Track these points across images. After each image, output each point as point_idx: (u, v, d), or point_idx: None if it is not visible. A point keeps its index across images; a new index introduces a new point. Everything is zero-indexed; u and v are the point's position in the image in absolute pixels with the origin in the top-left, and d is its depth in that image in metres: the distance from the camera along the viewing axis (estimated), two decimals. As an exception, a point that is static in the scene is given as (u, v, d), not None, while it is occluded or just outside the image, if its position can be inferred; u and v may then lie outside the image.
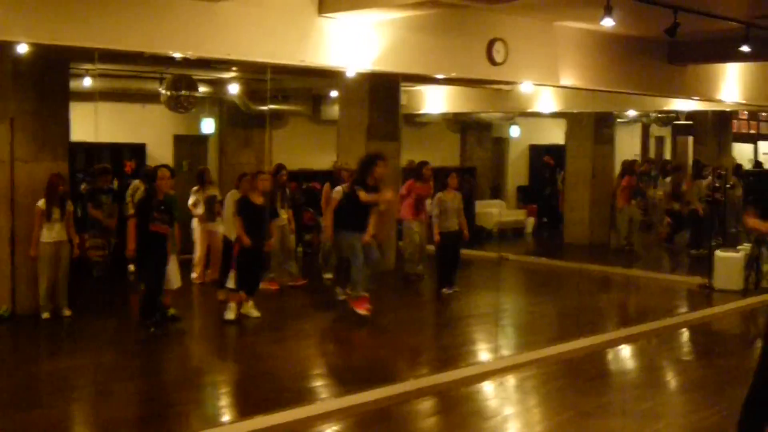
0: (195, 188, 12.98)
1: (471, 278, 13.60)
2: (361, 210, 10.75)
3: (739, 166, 20.00)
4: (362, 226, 10.76)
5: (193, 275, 13.11)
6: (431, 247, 13.22)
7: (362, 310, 10.71)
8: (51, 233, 10.60)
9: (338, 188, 11.76)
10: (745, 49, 10.67)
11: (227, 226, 11.45)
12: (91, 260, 12.05)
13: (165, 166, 10.73)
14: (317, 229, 14.64)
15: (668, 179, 18.64)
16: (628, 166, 18.00)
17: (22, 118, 10.85)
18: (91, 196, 12.36)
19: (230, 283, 10.92)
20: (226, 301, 11.01)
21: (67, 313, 10.81)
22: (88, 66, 12.72)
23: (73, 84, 12.21)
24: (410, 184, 13.39)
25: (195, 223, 13.05)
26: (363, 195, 10.64)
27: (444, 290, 12.58)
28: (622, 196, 17.64)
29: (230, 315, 10.75)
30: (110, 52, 8.79)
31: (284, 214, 12.71)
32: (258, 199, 10.80)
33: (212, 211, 12.59)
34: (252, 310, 10.93)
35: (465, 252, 13.24)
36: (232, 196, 11.47)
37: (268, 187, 11.02)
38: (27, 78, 10.83)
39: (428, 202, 13.34)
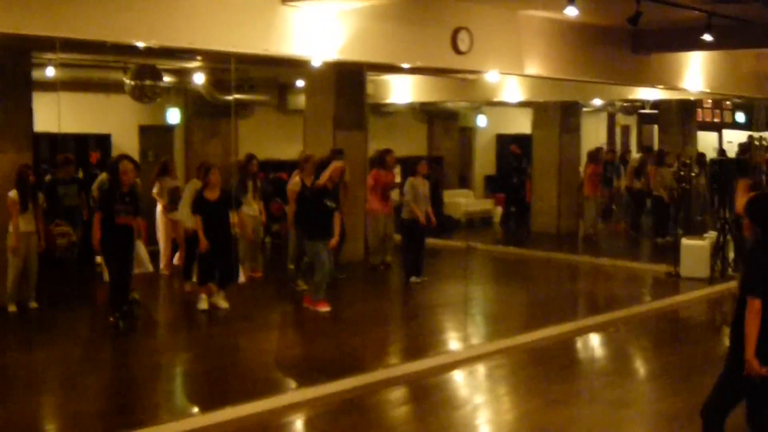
0: (158, 178, 12.99)
1: (439, 267, 13.63)
2: (324, 215, 10.82)
3: (702, 155, 20.16)
4: (327, 233, 10.84)
5: (161, 266, 13.05)
6: (398, 237, 13.26)
7: (324, 308, 10.78)
8: (23, 224, 10.53)
9: (295, 179, 11.85)
10: (707, 37, 10.74)
11: (183, 214, 11.56)
12: (56, 246, 11.92)
13: (127, 157, 10.65)
14: (284, 219, 14.59)
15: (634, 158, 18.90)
16: (594, 155, 18.15)
17: (-16, 109, 10.72)
18: (53, 187, 12.22)
19: (194, 278, 11.01)
20: (193, 292, 10.97)
21: (33, 305, 10.75)
22: (51, 55, 12.53)
23: (36, 74, 12.07)
24: (375, 174, 13.39)
25: (158, 213, 13.04)
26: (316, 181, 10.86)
27: (413, 279, 12.59)
28: (589, 185, 17.79)
29: (203, 305, 10.81)
30: (72, 41, 8.68)
31: (255, 205, 12.67)
32: (212, 195, 10.76)
33: (175, 201, 12.52)
34: (221, 301, 10.90)
35: (432, 241, 13.28)
36: (192, 185, 11.59)
37: (218, 181, 10.89)
38: (-12, 68, 10.71)
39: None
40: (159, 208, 13.04)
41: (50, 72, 13.09)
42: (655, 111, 22.14)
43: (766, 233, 5.27)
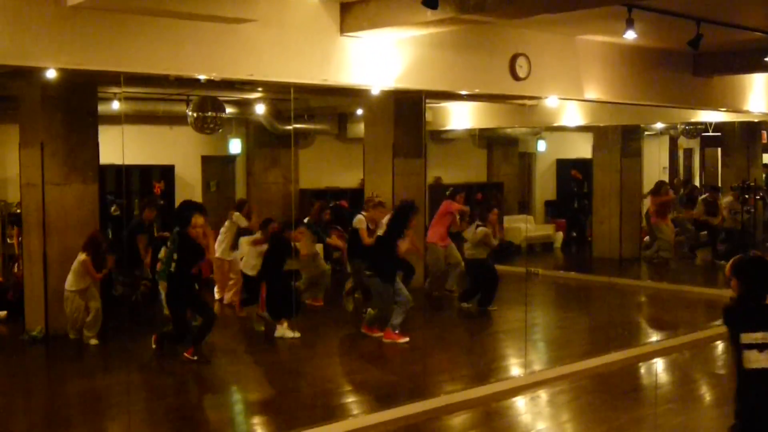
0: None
1: (500, 293, 13.54)
2: (395, 258, 11.06)
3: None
4: (395, 274, 11.07)
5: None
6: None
7: (401, 339, 10.84)
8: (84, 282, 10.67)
9: (360, 217, 11.91)
10: (770, 59, 10.62)
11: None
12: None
13: (197, 207, 10.54)
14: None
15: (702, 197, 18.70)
16: (655, 189, 17.97)
17: (53, 142, 11.00)
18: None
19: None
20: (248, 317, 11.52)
21: (94, 341, 10.73)
22: (115, 89, 12.87)
23: (101, 107, 12.33)
24: (447, 205, 13.71)
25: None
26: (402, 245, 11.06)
27: (463, 304, 12.83)
28: (654, 215, 17.61)
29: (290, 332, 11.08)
30: (136, 75, 8.88)
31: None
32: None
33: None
34: (288, 332, 11.02)
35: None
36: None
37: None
38: (56, 102, 11.00)
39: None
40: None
41: (115, 105, 13.43)
42: (718, 134, 21.83)
43: None
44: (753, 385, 5.11)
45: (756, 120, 19.41)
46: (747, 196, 17.25)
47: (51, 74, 8.97)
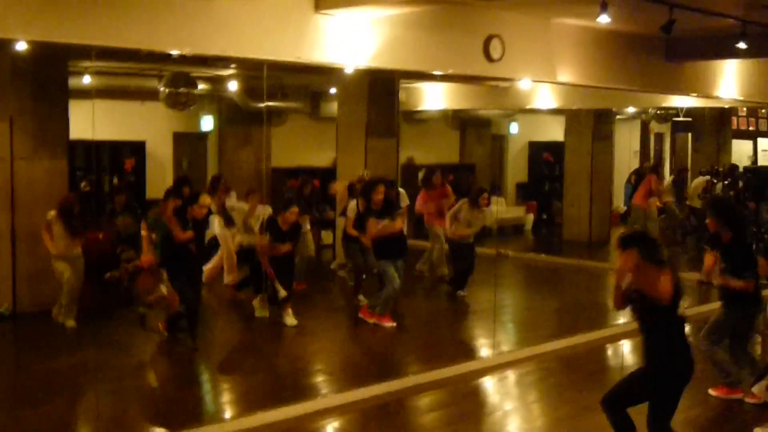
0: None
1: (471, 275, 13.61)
2: (393, 238, 10.82)
3: (734, 167, 19.70)
4: (398, 252, 10.86)
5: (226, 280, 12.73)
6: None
7: (388, 323, 10.69)
8: (67, 248, 10.30)
9: (352, 204, 11.64)
10: (741, 45, 10.68)
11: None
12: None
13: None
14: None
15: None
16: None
17: (22, 117, 10.88)
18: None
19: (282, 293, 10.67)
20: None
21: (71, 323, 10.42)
22: (86, 63, 12.73)
23: (72, 81, 12.20)
24: (423, 196, 13.71)
25: (217, 227, 12.58)
26: (371, 225, 10.78)
27: (459, 292, 12.72)
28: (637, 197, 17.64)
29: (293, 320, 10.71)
30: (108, 49, 8.79)
31: (308, 224, 12.91)
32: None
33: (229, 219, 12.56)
34: (290, 318, 10.71)
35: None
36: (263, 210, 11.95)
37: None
38: (25, 76, 10.86)
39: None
40: (218, 222, 12.48)
41: (86, 80, 13.28)
42: (689, 119, 22.00)
43: None
44: (681, 329, 5.91)
45: (726, 106, 19.58)
46: (715, 181, 17.42)
47: (21, 47, 8.85)
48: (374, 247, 10.89)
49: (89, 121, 10.50)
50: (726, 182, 17.42)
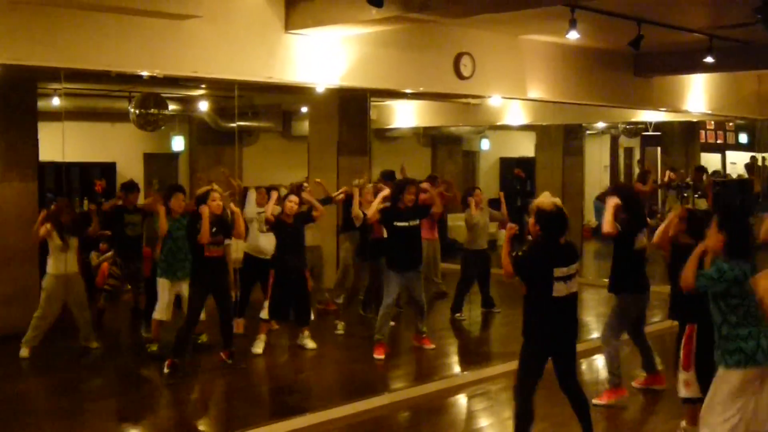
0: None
1: (447, 291, 13.62)
2: (413, 243, 10.11)
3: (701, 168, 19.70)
4: (410, 263, 10.10)
5: None
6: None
7: (378, 355, 9.98)
8: (61, 266, 9.86)
9: (354, 208, 10.94)
10: (709, 60, 10.80)
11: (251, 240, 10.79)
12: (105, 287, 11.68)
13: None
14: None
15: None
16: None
17: (-10, 139, 10.80)
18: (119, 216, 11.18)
19: (263, 314, 10.19)
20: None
21: (95, 345, 10.23)
22: (56, 85, 12.66)
23: (41, 104, 12.15)
24: None
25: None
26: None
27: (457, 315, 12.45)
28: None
29: (258, 349, 10.06)
30: (77, 71, 8.76)
31: None
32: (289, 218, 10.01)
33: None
34: (309, 341, 10.33)
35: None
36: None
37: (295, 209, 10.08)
38: (-6, 98, 10.80)
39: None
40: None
41: (55, 102, 13.20)
42: (658, 133, 22.17)
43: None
44: (558, 309, 6.42)
45: (695, 120, 19.75)
46: (686, 195, 17.53)
47: (-11, 69, 8.80)
48: (386, 254, 10.19)
49: (59, 143, 10.43)
50: (697, 195, 17.52)
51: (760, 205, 17.27)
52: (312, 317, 10.64)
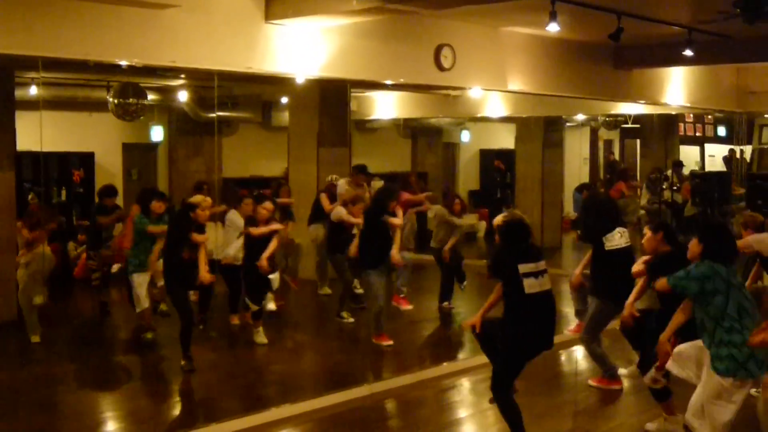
0: None
1: (423, 283, 13.64)
2: (385, 241, 10.25)
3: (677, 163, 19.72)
4: (385, 257, 10.26)
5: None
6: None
7: (385, 341, 10.21)
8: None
9: (341, 209, 11.35)
10: (688, 53, 10.84)
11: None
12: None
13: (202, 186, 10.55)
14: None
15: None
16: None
17: (-34, 128, 10.72)
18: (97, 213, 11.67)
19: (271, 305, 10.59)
20: (242, 324, 10.91)
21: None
22: (33, 74, 12.55)
23: (18, 93, 12.06)
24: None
25: None
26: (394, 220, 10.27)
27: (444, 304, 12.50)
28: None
29: (262, 338, 10.25)
30: (55, 60, 8.70)
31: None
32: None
33: None
34: (261, 338, 10.33)
35: (416, 256, 13.28)
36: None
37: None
38: (-30, 87, 10.71)
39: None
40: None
41: (33, 91, 13.09)
42: (638, 125, 22.28)
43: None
44: (532, 306, 6.63)
45: (673, 113, 19.86)
46: (664, 187, 17.62)
47: (-35, 58, 8.74)
48: (361, 255, 10.30)
49: (37, 133, 10.34)
50: (675, 188, 17.61)
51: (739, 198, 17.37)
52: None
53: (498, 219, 7.18)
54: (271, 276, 10.25)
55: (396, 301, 11.67)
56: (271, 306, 10.72)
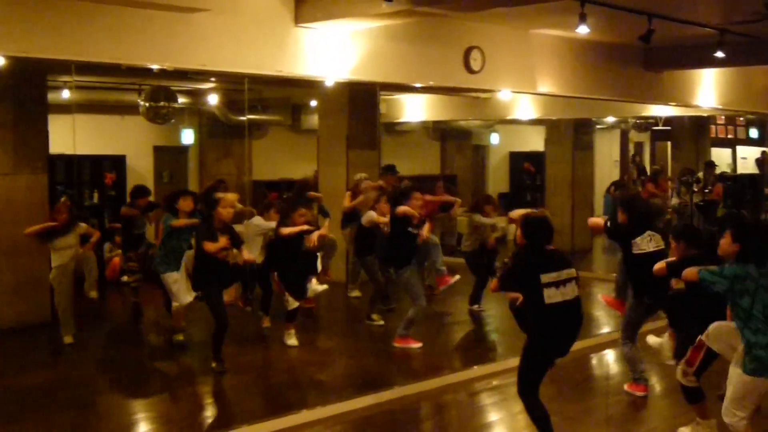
0: None
1: (455, 286, 13.60)
2: (409, 238, 10.24)
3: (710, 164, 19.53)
4: (412, 254, 10.27)
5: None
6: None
7: (414, 344, 10.22)
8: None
9: (371, 213, 11.32)
10: (719, 54, 10.75)
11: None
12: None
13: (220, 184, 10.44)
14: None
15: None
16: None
17: (1, 132, 10.84)
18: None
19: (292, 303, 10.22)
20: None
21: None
22: (66, 78, 12.69)
23: (51, 96, 12.18)
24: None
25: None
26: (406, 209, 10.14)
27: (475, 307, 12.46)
28: None
29: (293, 340, 10.29)
30: (87, 64, 8.78)
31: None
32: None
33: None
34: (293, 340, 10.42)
35: (447, 260, 13.27)
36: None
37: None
38: (4, 91, 10.83)
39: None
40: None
41: (65, 94, 13.24)
42: (668, 128, 22.14)
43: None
44: (553, 317, 6.40)
45: (705, 114, 19.70)
46: (695, 189, 17.49)
47: (-1, 62, 8.82)
48: (392, 255, 10.31)
49: (70, 136, 10.46)
50: (707, 190, 17.46)
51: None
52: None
53: (516, 212, 6.95)
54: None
55: (441, 282, 11.52)
56: (293, 341, 10.33)
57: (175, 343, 10.22)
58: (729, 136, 24.81)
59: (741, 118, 23.89)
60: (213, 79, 14.04)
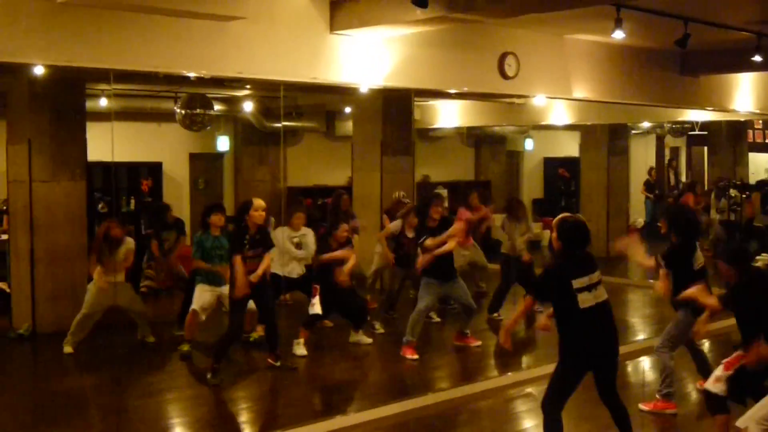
0: None
1: (488, 292, 13.58)
2: (446, 255, 10.20)
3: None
4: (450, 274, 10.29)
5: None
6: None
7: (409, 355, 10.05)
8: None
9: (397, 222, 11.57)
10: (757, 58, 10.67)
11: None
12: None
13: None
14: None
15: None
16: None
17: (40, 139, 10.99)
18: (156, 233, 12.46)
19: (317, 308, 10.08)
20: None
21: (151, 339, 10.62)
22: (104, 86, 12.84)
23: (89, 104, 12.33)
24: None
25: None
26: (429, 242, 10.09)
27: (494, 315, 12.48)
28: None
29: (302, 350, 10.20)
30: (125, 72, 8.87)
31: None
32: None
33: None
34: (365, 337, 10.72)
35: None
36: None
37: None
38: (43, 99, 10.98)
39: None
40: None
41: (103, 102, 13.40)
42: (705, 132, 21.96)
43: None
44: (590, 321, 6.35)
45: (742, 119, 19.51)
46: (733, 195, 17.33)
47: (39, 70, 8.95)
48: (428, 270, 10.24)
49: (107, 143, 10.56)
50: (745, 195, 17.29)
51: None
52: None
53: (556, 219, 6.79)
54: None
55: (459, 340, 10.92)
56: (302, 351, 10.18)
57: (181, 354, 10.10)
58: (766, 141, 24.55)
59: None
60: (248, 86, 14.14)
